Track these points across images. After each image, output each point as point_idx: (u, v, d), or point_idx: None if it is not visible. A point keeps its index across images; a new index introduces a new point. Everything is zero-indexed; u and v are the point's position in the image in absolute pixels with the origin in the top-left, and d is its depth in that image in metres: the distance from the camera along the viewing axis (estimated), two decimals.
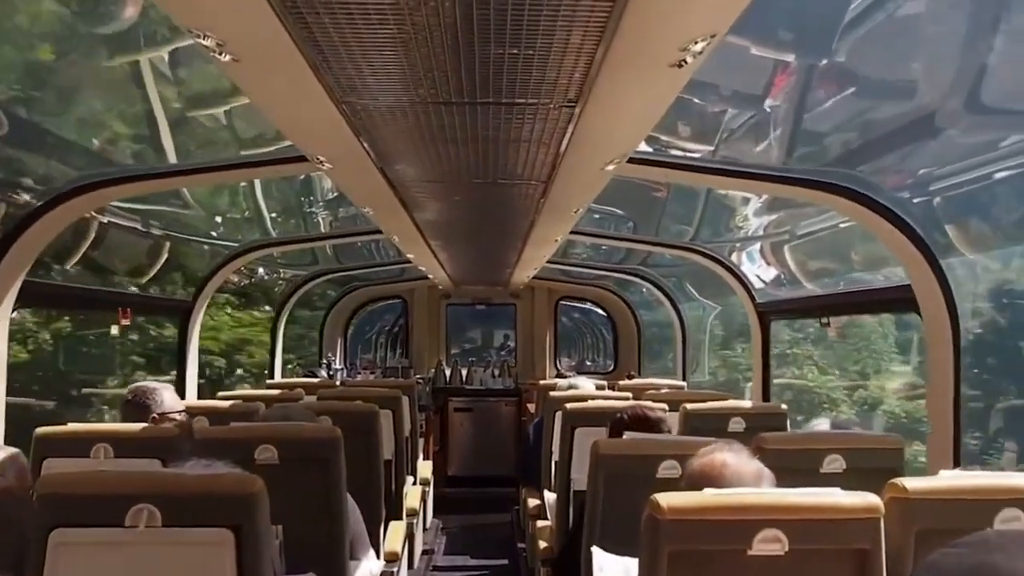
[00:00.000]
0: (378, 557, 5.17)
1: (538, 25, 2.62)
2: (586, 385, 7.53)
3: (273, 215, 7.84)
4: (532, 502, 6.94)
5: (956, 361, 4.38)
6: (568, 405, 5.63)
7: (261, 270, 11.63)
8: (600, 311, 13.03)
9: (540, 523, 6.28)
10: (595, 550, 3.51)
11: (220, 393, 7.16)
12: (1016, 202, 4.73)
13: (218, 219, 7.83)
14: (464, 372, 12.60)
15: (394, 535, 6.04)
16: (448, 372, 12.53)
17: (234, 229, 8.10)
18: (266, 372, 10.98)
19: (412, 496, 7.30)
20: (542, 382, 9.78)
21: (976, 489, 2.86)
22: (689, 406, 5.40)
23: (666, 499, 2.61)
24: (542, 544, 5.79)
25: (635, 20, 2.51)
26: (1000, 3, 3.46)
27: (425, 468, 8.98)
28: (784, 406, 5.80)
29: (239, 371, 14.20)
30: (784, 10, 3.71)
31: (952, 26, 3.67)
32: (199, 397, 7.74)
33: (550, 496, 6.05)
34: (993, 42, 3.64)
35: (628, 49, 2.74)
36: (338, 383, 9.97)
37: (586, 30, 2.64)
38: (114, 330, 7.22)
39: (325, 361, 12.12)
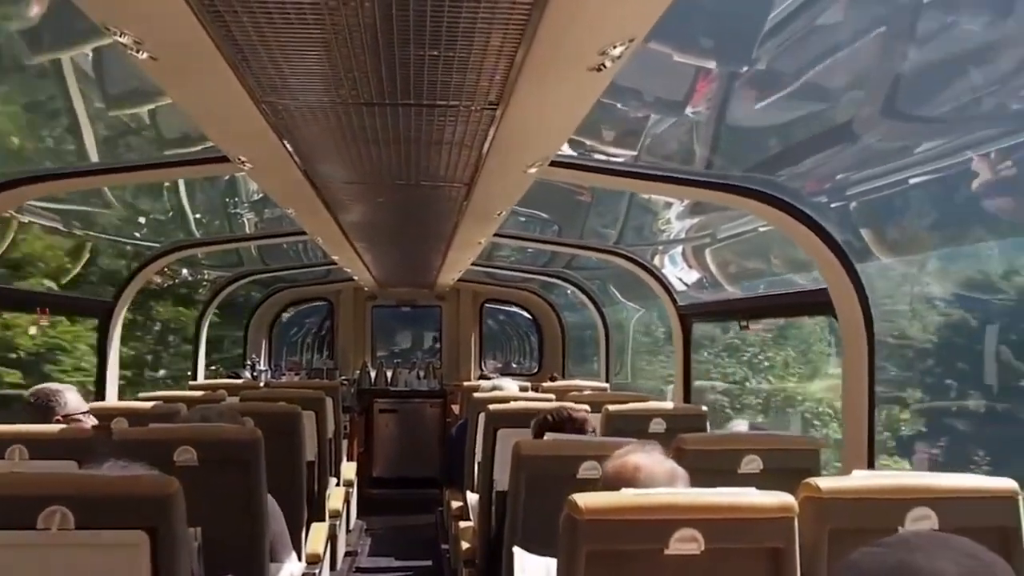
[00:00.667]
0: (299, 559, 5.14)
1: (457, 27, 2.62)
2: (510, 386, 7.55)
3: (197, 216, 7.76)
4: (455, 503, 6.95)
5: (870, 363, 4.47)
6: (491, 406, 5.64)
7: (185, 271, 11.45)
8: (525, 313, 13.08)
9: (463, 524, 6.28)
10: (516, 550, 3.53)
11: (141, 394, 7.05)
12: (929, 207, 4.84)
13: (141, 220, 7.73)
14: (389, 373, 12.55)
15: (316, 536, 6.00)
16: (373, 373, 12.48)
17: (157, 230, 8.01)
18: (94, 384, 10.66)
19: (335, 497, 7.26)
20: (466, 383, 9.81)
21: (887, 489, 2.91)
22: (611, 407, 5.44)
23: (584, 499, 2.64)
24: (464, 545, 5.79)
25: (554, 24, 2.52)
26: (914, 12, 3.55)
27: (349, 469, 8.93)
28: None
29: None
30: (705, 17, 3.75)
31: (869, 34, 3.75)
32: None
33: (472, 497, 6.05)
34: (908, 50, 3.73)
35: (548, 52, 2.75)
36: (262, 384, 9.90)
37: (505, 33, 2.65)
38: None
39: (249, 362, 12.03)
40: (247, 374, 11.54)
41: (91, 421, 4.88)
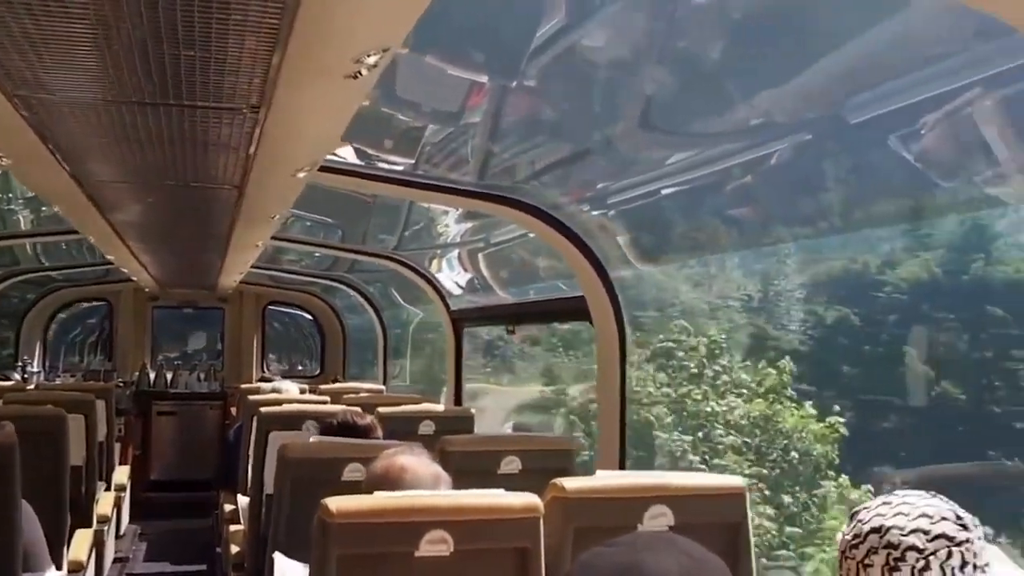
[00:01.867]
0: (59, 568, 4.97)
1: (211, 28, 2.61)
2: (290, 388, 7.52)
3: None
4: (228, 507, 6.83)
5: (622, 367, 4.67)
6: (263, 408, 5.59)
7: None
8: (309, 316, 12.99)
9: (233, 528, 6.19)
10: (276, 555, 3.52)
11: None
12: (680, 217, 5.12)
13: None
14: (170, 375, 12.23)
15: (79, 543, 5.81)
16: (153, 375, 12.13)
17: None
18: None
19: (104, 503, 7.05)
20: (244, 386, 9.66)
21: (628, 487, 3.05)
22: (382, 409, 5.47)
23: (335, 503, 2.66)
24: (234, 549, 5.72)
25: (307, 30, 2.55)
26: (664, 36, 3.76)
27: (121, 473, 8.66)
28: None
29: None
30: (476, 33, 3.86)
31: (626, 56, 3.95)
32: None
33: (243, 500, 5.99)
34: (660, 71, 3.95)
35: (303, 58, 2.78)
36: (32, 386, 9.50)
37: (259, 36, 2.66)
38: None
39: (20, 364, 11.53)
40: (17, 376, 11.05)
41: None
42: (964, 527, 1.93)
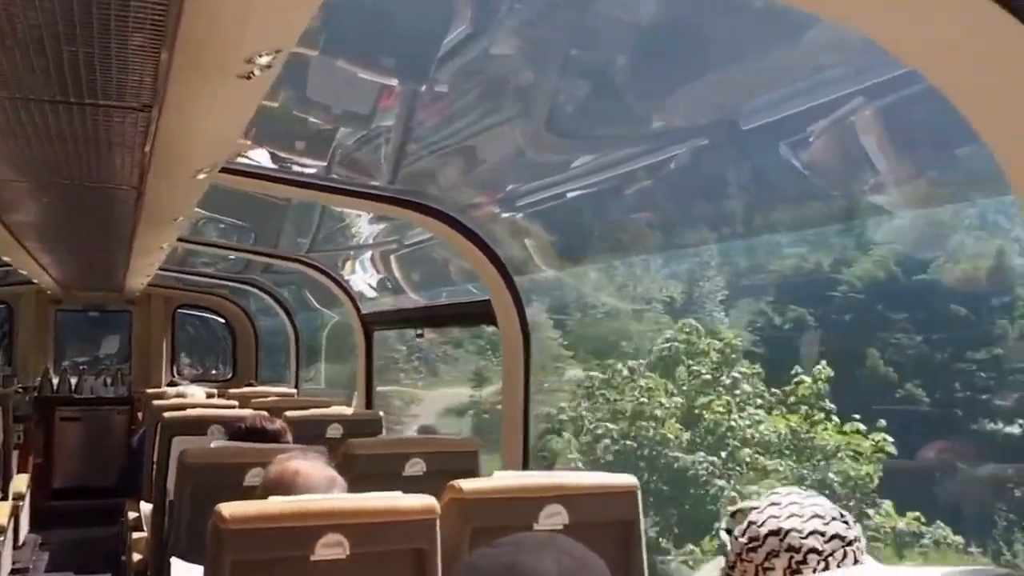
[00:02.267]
0: None
1: (96, 24, 2.56)
2: (197, 393, 7.43)
3: None
4: (132, 514, 6.74)
5: (526, 370, 4.70)
6: (166, 414, 5.50)
7: None
8: (221, 319, 12.83)
9: (136, 535, 6.10)
10: (173, 561, 3.49)
11: None
12: (591, 219, 5.18)
13: None
14: (75, 380, 11.96)
15: None
16: (56, 380, 11.85)
17: None
18: None
19: None
20: (149, 390, 9.50)
21: (524, 488, 3.09)
22: (290, 413, 5.42)
23: (229, 508, 2.65)
24: (136, 556, 5.65)
25: (195, 28, 2.52)
26: (567, 46, 3.81)
27: (20, 482, 8.46)
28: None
29: None
30: (385, 37, 3.87)
31: (533, 63, 3.99)
32: None
33: (147, 507, 5.90)
34: (566, 80, 4.00)
35: (193, 57, 2.74)
36: None
37: (145, 33, 2.61)
38: None
39: None
40: None
41: None
42: (848, 524, 1.99)
